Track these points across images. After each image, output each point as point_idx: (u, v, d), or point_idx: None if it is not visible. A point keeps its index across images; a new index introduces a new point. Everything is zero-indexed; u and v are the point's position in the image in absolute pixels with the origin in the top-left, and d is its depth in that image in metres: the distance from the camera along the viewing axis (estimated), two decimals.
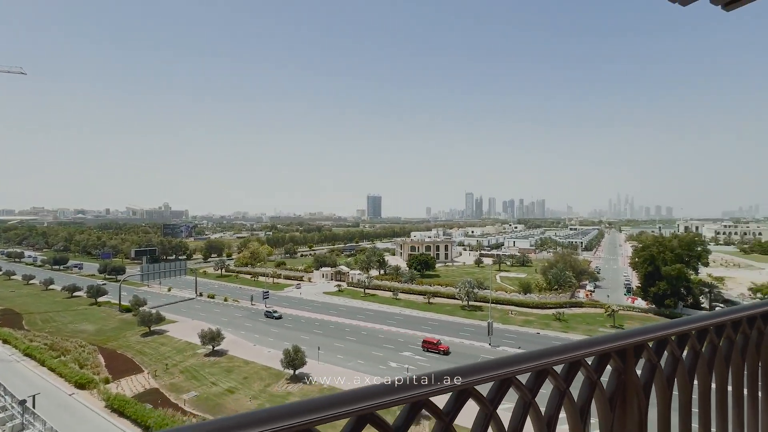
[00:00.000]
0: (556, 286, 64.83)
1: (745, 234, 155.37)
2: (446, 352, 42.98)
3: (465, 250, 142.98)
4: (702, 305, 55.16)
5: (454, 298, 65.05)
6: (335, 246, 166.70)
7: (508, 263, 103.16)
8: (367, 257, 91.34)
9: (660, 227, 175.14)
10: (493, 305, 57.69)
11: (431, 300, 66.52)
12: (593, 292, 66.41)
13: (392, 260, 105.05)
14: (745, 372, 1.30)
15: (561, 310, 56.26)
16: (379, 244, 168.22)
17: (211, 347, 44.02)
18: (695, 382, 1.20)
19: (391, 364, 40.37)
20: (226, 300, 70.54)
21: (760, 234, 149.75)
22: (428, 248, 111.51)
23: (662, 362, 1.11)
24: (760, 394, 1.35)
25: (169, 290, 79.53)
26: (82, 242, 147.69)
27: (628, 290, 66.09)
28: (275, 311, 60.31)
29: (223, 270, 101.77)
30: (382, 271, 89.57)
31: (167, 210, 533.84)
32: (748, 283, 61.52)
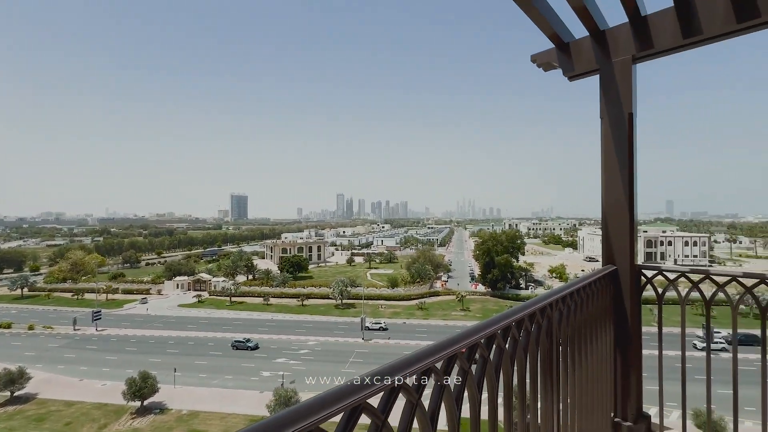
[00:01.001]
0: (418, 279, 72.55)
1: (545, 229, 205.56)
2: None
3: (337, 250, 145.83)
4: (521, 285, 70.50)
5: (328, 297, 65.74)
6: (192, 251, 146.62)
7: (378, 261, 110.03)
8: (232, 262, 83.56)
9: (493, 225, 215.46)
10: (365, 301, 60.73)
11: (305, 302, 65.57)
12: (447, 281, 77.05)
13: (262, 264, 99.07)
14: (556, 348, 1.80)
15: (422, 300, 63.41)
16: (247, 248, 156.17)
17: (8, 394, 33.00)
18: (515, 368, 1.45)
19: (264, 374, 38.20)
20: (31, 328, 53.92)
21: (553, 229, 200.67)
22: (300, 250, 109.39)
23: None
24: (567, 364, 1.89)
25: None
26: None
27: (472, 278, 79.12)
28: (248, 339, 46.02)
29: (26, 289, 77.23)
30: (250, 276, 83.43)
31: None
32: (548, 266, 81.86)
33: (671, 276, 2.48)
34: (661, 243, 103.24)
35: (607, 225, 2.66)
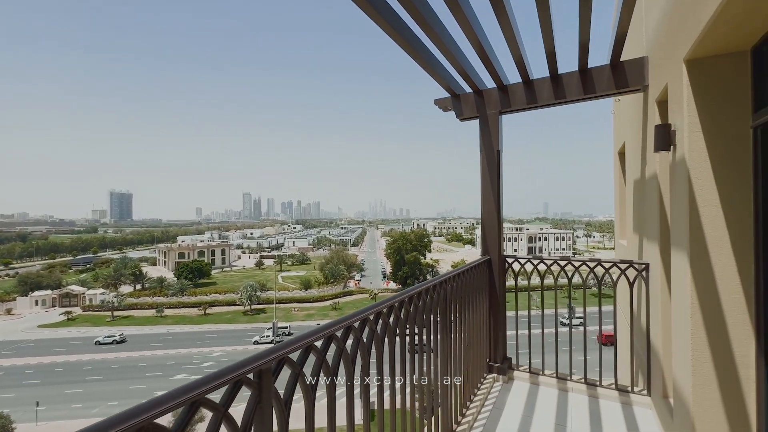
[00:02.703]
0: (332, 280, 72.73)
1: (449, 228, 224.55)
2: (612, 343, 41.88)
3: (244, 252, 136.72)
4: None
5: (235, 304, 61.62)
6: (57, 260, 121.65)
7: (289, 263, 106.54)
8: (114, 270, 72.04)
9: (403, 225, 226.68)
10: (276, 305, 58.65)
11: (207, 311, 60.25)
12: (360, 281, 78.88)
13: (153, 271, 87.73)
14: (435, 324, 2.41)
15: (337, 300, 63.88)
16: (133, 253, 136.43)
17: None
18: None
19: (159, 394, 34.16)
20: None
21: (455, 228, 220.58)
22: (201, 254, 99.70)
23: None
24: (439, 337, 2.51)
25: None
26: None
27: (384, 276, 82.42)
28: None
29: None
30: (139, 286, 73.21)
31: None
32: (451, 261, 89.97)
33: (522, 261, 3.70)
34: (539, 239, 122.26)
35: (484, 228, 3.75)
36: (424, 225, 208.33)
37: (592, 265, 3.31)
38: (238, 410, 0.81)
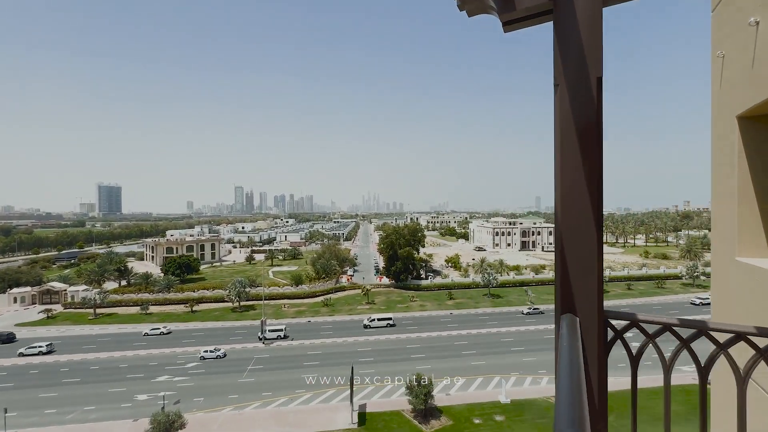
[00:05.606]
0: (324, 275, 70.80)
1: (442, 222, 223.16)
2: None
3: (235, 247, 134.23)
4: (422, 276, 74.41)
5: (223, 301, 59.60)
6: (41, 254, 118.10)
7: (281, 257, 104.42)
8: (98, 266, 69.27)
9: (396, 219, 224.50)
10: (266, 302, 56.74)
11: (194, 308, 58.13)
12: (353, 276, 77.07)
13: (140, 266, 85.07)
14: None
15: (328, 296, 62.07)
16: (120, 248, 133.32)
17: None
18: None
19: (140, 398, 32.45)
20: None
21: (448, 222, 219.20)
22: (190, 248, 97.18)
23: None
24: None
25: None
26: None
27: (377, 271, 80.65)
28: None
29: None
30: (124, 282, 70.77)
31: None
32: (444, 256, 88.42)
33: (650, 329, 1.73)
34: (532, 233, 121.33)
35: (562, 248, 1.64)
36: (417, 219, 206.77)
37: None
38: None
